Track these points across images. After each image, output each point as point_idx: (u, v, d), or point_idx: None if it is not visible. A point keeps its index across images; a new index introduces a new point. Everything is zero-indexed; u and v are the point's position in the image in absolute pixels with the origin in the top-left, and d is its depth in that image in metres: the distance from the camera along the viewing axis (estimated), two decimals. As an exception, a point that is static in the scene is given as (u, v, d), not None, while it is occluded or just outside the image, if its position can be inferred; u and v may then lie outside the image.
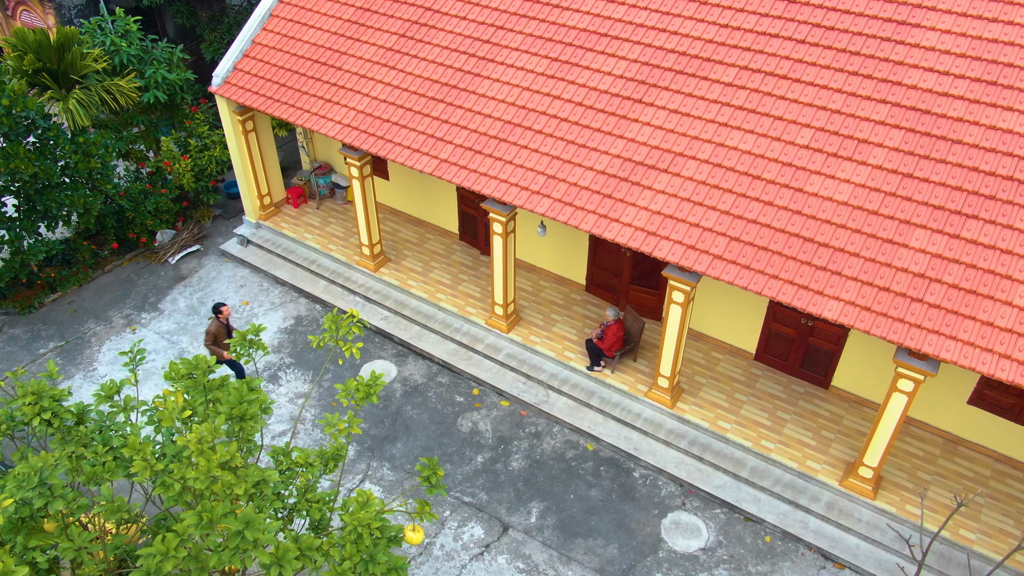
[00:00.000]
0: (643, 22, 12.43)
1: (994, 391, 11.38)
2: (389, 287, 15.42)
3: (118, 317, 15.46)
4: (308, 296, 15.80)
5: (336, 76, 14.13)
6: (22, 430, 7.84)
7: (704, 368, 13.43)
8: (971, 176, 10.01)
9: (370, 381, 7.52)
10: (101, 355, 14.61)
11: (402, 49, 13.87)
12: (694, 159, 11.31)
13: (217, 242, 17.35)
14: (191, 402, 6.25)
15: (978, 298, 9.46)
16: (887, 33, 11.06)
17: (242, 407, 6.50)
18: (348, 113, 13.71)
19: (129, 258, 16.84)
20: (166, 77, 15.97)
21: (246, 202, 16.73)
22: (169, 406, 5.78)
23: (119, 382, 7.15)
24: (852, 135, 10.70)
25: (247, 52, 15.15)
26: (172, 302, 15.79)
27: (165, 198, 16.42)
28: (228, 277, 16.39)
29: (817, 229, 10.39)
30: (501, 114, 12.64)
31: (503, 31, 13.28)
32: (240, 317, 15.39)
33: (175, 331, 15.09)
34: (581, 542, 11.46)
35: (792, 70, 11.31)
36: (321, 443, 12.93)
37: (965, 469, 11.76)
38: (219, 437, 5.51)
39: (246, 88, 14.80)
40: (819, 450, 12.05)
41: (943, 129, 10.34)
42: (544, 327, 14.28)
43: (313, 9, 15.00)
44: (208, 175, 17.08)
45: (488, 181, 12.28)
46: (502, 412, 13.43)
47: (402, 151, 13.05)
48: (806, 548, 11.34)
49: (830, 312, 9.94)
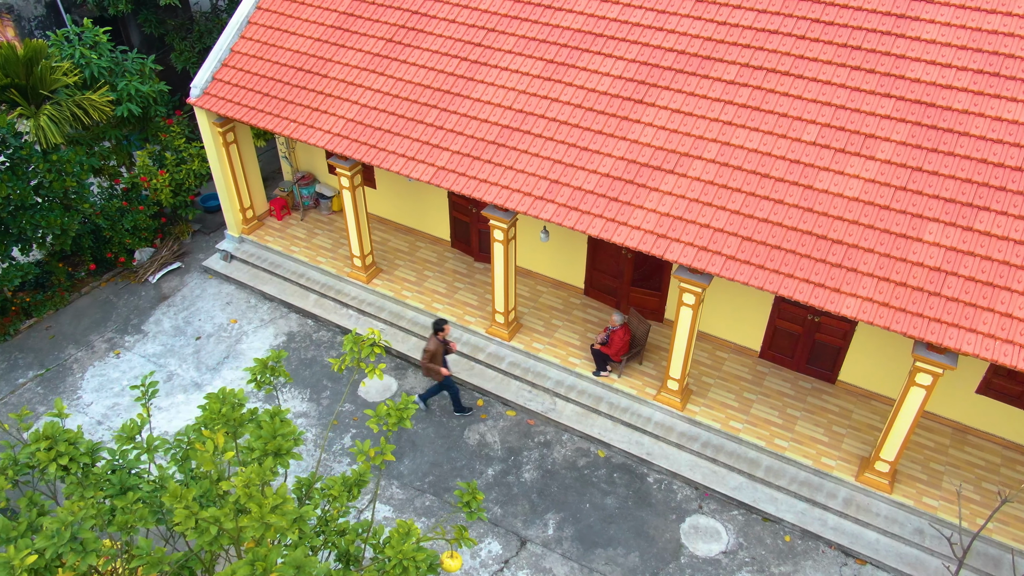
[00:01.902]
0: (639, 21, 12.26)
1: (1002, 380, 11.47)
2: (383, 298, 15.03)
3: (100, 341, 14.81)
4: (299, 311, 15.34)
5: (322, 84, 13.70)
6: (27, 473, 7.37)
7: (710, 368, 13.33)
8: (980, 168, 10.03)
9: (401, 405, 7.19)
10: (85, 382, 13.97)
11: (390, 55, 13.49)
12: (700, 159, 11.17)
13: (199, 258, 16.76)
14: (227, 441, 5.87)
15: (995, 290, 9.48)
16: (887, 27, 11.05)
17: (276, 442, 6.14)
18: (337, 122, 13.30)
19: (107, 279, 16.17)
20: (139, 89, 15.34)
21: (228, 216, 16.18)
22: (209, 447, 5.40)
23: (139, 421, 6.71)
24: (859, 130, 10.66)
25: (226, 61, 14.62)
26: (156, 323, 15.18)
27: (143, 215, 15.80)
28: (213, 294, 15.84)
29: (829, 226, 10.32)
30: (498, 119, 12.36)
31: (494, 33, 12.99)
32: (228, 335, 14.87)
33: (162, 353, 14.50)
34: (601, 552, 11.26)
35: (794, 66, 11.24)
36: (325, 463, 12.52)
37: (976, 458, 11.84)
38: (267, 479, 5.16)
39: (227, 99, 14.28)
40: (832, 446, 12.02)
41: (949, 122, 10.35)
42: (546, 333, 14.04)
43: (293, 16, 14.53)
44: (186, 189, 16.49)
45: (489, 188, 12.00)
46: (509, 422, 13.16)
47: (397, 159, 12.69)
48: (826, 546, 11.29)
49: (848, 309, 9.88)
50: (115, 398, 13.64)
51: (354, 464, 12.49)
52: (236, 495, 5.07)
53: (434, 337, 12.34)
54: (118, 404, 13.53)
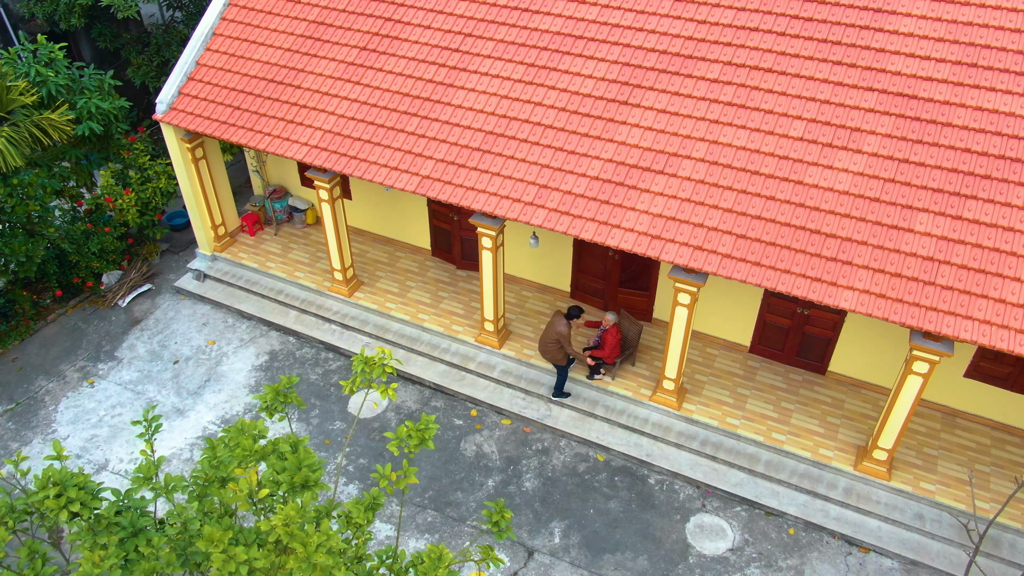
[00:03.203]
0: (618, 22, 12.22)
1: (990, 363, 11.73)
2: (367, 312, 14.72)
3: (71, 371, 14.19)
4: (279, 328, 14.92)
5: (296, 95, 13.34)
6: (24, 520, 6.96)
7: (702, 366, 13.36)
8: (965, 157, 10.22)
9: (421, 425, 6.97)
10: (59, 415, 13.36)
11: (365, 63, 13.21)
12: (689, 158, 11.17)
13: (169, 279, 16.20)
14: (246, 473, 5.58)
15: (987, 276, 9.66)
16: (865, 21, 11.20)
17: (302, 473, 5.88)
18: (315, 133, 12.96)
19: (74, 305, 15.52)
20: (100, 106, 14.74)
21: (199, 234, 15.68)
22: (243, 486, 5.12)
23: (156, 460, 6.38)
24: (844, 124, 10.78)
25: (192, 75, 14.15)
26: (130, 348, 14.62)
27: (110, 236, 15.19)
28: (187, 316, 15.32)
29: (822, 220, 10.41)
30: (482, 125, 12.19)
31: (472, 38, 12.82)
32: (208, 358, 14.39)
33: (139, 380, 13.96)
34: (610, 558, 11.18)
35: (777, 63, 11.32)
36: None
37: (967, 440, 12.09)
38: (309, 517, 4.91)
39: (195, 113, 13.81)
40: (828, 437, 12.15)
41: (931, 113, 10.53)
42: (536, 339, 13.91)
43: (260, 26, 14.13)
44: (153, 208, 15.92)
45: (477, 195, 11.82)
46: (505, 431, 13.00)
47: (379, 170, 12.42)
48: (830, 536, 11.40)
49: (846, 302, 9.97)
50: (92, 430, 13.08)
51: (353, 484, 12.19)
52: (276, 534, 4.82)
53: (567, 323, 12.31)
54: (96, 436, 12.97)
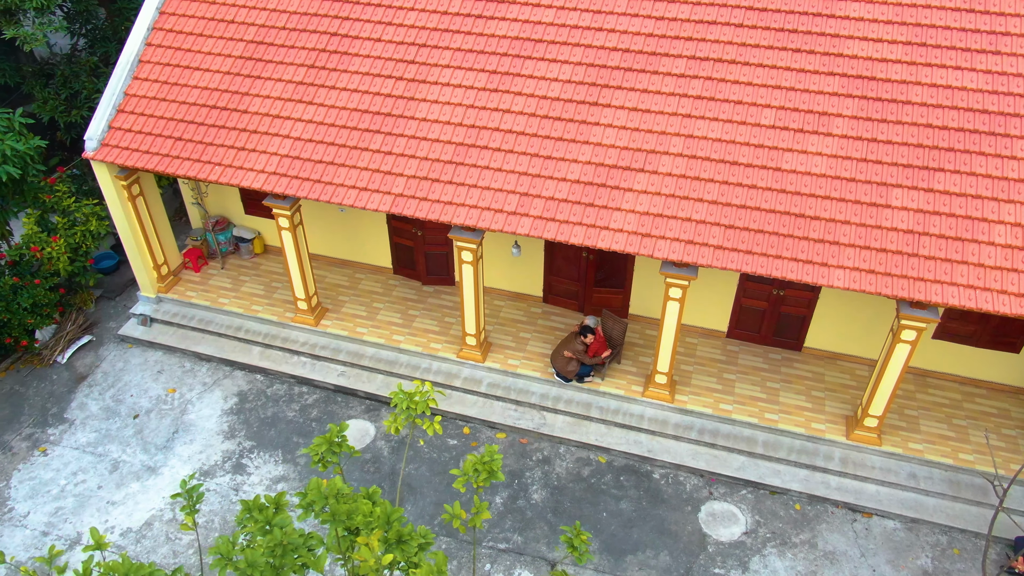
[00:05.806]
0: (577, 23, 12.17)
1: (956, 322, 12.43)
2: (338, 339, 14.11)
3: (18, 440, 12.92)
4: (244, 367, 14.10)
5: (244, 120, 12.60)
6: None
7: (685, 355, 13.55)
8: (927, 132, 10.76)
9: (486, 458, 6.70)
10: (13, 490, 12.14)
11: (316, 81, 12.62)
12: (667, 154, 11.26)
13: (110, 327, 15.02)
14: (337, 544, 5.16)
15: (965, 243, 10.21)
16: (817, 8, 11.60)
17: (395, 529, 5.52)
18: (271, 159, 12.29)
19: (6, 367, 14.14)
20: (15, 148, 13.44)
21: (140, 276, 14.60)
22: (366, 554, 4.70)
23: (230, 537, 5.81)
24: (811, 109, 11.13)
25: (121, 106, 13.12)
26: (80, 408, 13.45)
27: (41, 288, 13.92)
28: (139, 365, 14.24)
29: (804, 204, 10.72)
30: (451, 136, 11.88)
31: (428, 48, 12.47)
32: (171, 407, 13.43)
33: (97, 441, 12.86)
34: (632, 559, 11.16)
35: (739, 54, 11.56)
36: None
37: (940, 398, 12.78)
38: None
39: (132, 148, 12.83)
40: (817, 411, 12.57)
41: (891, 92, 11.02)
42: (517, 348, 13.73)
43: (193, 49, 13.26)
44: (84, 254, 14.71)
45: (456, 209, 11.51)
46: (501, 445, 12.76)
47: (347, 192, 11.90)
48: (833, 506, 11.80)
49: (839, 281, 10.31)
50: (55, 502, 11.95)
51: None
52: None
53: (581, 339, 12.73)
54: (61, 508, 11.86)
